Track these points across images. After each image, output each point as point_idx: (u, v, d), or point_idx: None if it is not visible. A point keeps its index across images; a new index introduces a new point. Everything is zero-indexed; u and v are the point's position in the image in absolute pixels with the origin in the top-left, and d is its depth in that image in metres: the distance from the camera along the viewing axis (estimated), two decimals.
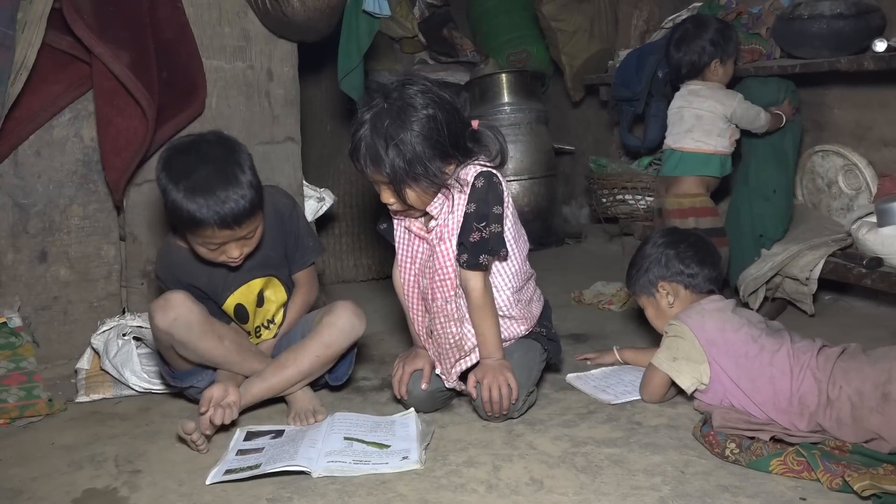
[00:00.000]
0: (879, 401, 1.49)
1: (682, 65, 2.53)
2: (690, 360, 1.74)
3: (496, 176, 1.78)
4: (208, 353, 1.84)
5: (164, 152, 1.80)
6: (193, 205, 1.70)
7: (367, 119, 1.72)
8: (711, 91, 2.48)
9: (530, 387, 1.85)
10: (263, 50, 2.50)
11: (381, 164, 1.70)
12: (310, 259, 2.07)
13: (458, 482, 1.53)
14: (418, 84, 1.74)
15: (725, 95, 2.47)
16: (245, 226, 1.77)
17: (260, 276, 1.96)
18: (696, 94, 2.49)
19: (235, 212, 1.72)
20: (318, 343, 1.89)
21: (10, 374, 2.01)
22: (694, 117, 2.48)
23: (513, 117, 3.73)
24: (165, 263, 1.94)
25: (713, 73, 2.50)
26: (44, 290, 2.25)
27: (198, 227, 1.73)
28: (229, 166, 1.75)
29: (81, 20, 2.06)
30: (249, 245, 1.84)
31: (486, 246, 1.75)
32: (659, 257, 1.92)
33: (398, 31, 4.12)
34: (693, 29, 2.51)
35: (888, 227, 2.25)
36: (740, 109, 2.45)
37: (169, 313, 1.77)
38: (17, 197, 2.20)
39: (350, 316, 1.91)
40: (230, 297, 1.94)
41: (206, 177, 1.72)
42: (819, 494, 1.41)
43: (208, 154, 1.76)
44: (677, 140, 2.52)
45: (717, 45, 2.47)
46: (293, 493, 1.52)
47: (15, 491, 1.61)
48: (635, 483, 1.49)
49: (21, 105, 2.10)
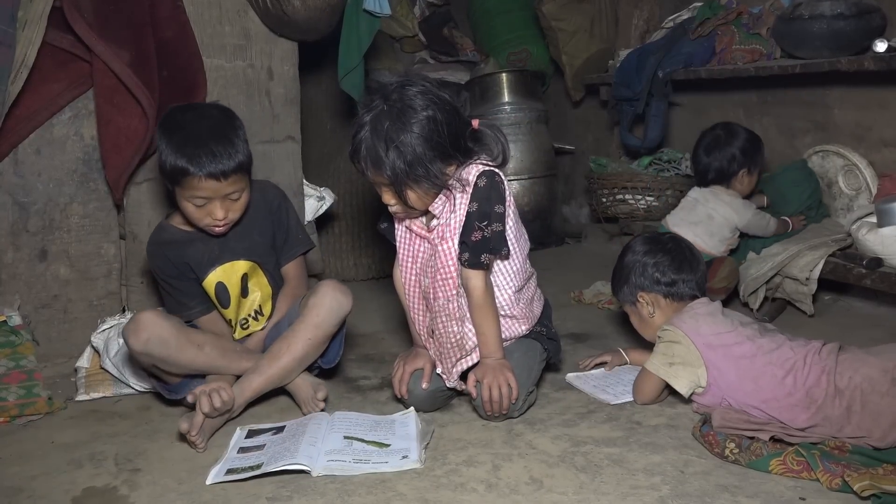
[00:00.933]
0: (890, 385, 1.51)
1: (709, 170, 2.56)
2: (687, 364, 1.74)
3: (498, 175, 1.78)
4: (190, 363, 1.85)
5: (165, 113, 1.90)
6: (183, 152, 1.79)
7: (366, 121, 1.72)
8: (731, 199, 2.53)
9: (530, 386, 1.85)
10: (264, 49, 2.50)
11: (382, 167, 1.70)
12: (298, 250, 2.09)
13: (458, 481, 1.53)
14: (418, 85, 1.74)
15: (743, 206, 2.52)
16: (230, 181, 1.82)
17: (245, 259, 1.99)
18: (717, 196, 2.54)
19: (222, 163, 1.80)
20: (308, 325, 1.90)
21: (10, 373, 2.01)
22: (706, 216, 2.52)
23: (513, 117, 3.73)
24: (156, 243, 1.98)
25: (739, 182, 2.54)
26: (44, 288, 2.25)
27: (185, 176, 1.80)
28: (223, 128, 1.85)
29: (82, 18, 2.06)
30: (234, 210, 1.89)
31: (487, 245, 1.75)
32: (637, 267, 1.93)
33: (398, 30, 4.12)
34: (724, 136, 2.53)
35: (888, 227, 2.25)
36: (754, 221, 2.51)
37: (141, 335, 1.77)
38: (17, 195, 2.20)
39: (335, 293, 1.92)
40: (212, 273, 1.96)
41: (199, 132, 1.82)
42: (819, 494, 1.41)
43: (205, 114, 1.89)
44: (677, 224, 2.54)
45: (747, 154, 2.51)
46: (293, 492, 1.52)
47: (15, 489, 1.61)
48: (635, 482, 1.49)
49: (21, 103, 2.10)
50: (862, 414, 1.52)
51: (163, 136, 1.84)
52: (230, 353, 1.93)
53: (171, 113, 1.89)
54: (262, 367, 1.90)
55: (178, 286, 1.98)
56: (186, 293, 1.98)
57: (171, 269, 1.95)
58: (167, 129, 1.85)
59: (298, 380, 1.94)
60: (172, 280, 1.97)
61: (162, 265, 1.96)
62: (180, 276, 1.97)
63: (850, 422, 1.53)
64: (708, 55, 3.03)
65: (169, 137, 1.83)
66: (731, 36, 2.91)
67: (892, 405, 1.50)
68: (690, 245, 2.01)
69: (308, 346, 1.91)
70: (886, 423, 1.49)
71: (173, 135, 1.83)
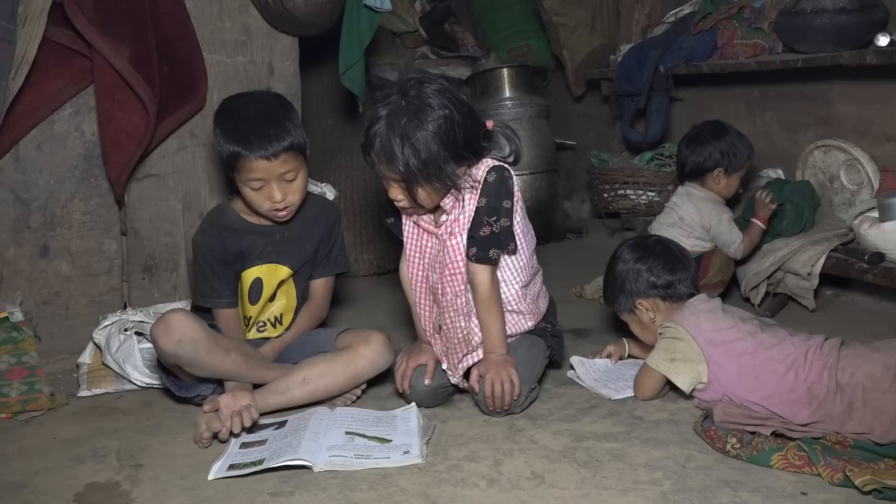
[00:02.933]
0: (892, 382, 1.50)
1: (686, 163, 2.53)
2: (688, 360, 1.74)
3: (507, 170, 1.79)
4: (216, 367, 1.81)
5: (222, 102, 1.97)
6: (234, 137, 1.83)
7: (383, 115, 1.71)
8: (703, 201, 2.48)
9: (533, 383, 1.85)
10: (264, 44, 2.50)
11: (395, 162, 1.70)
12: (334, 270, 2.10)
13: (460, 476, 1.54)
14: (435, 83, 1.73)
15: (712, 209, 2.46)
16: (282, 160, 1.84)
17: (289, 265, 2.00)
18: (690, 197, 2.50)
19: (272, 143, 1.82)
20: (349, 373, 1.91)
21: (13, 369, 2.01)
22: (678, 218, 2.50)
23: (514, 112, 3.72)
24: (216, 224, 1.97)
25: (714, 181, 2.49)
26: (45, 284, 2.25)
27: (238, 159, 1.83)
28: (272, 110, 1.89)
29: (82, 14, 2.06)
30: (293, 192, 1.90)
31: (496, 240, 1.76)
32: (630, 275, 1.92)
33: (399, 25, 4.11)
34: (709, 133, 2.50)
35: (890, 222, 2.25)
36: (717, 229, 2.43)
37: (173, 336, 1.74)
38: (18, 192, 2.20)
39: (385, 351, 1.95)
40: (256, 268, 1.97)
41: (249, 115, 1.87)
42: (820, 489, 1.41)
43: (255, 99, 1.95)
44: (657, 229, 2.54)
45: (725, 155, 2.46)
46: (294, 488, 1.52)
47: (17, 485, 1.61)
48: (636, 477, 1.49)
49: (22, 100, 2.10)
50: (864, 411, 1.51)
51: (217, 126, 1.89)
52: (253, 360, 1.90)
53: (224, 102, 1.95)
54: (292, 389, 1.88)
55: (219, 270, 1.94)
56: (223, 280, 1.95)
57: (221, 252, 1.93)
58: (221, 118, 1.89)
59: None
60: (216, 263, 1.94)
61: (213, 245, 1.93)
62: (224, 262, 1.94)
63: (851, 418, 1.52)
64: (710, 50, 3.02)
65: (222, 125, 1.87)
66: (733, 30, 2.90)
67: (893, 402, 1.50)
68: (677, 244, 2.01)
69: (340, 388, 1.91)
70: (888, 420, 1.49)
71: (225, 122, 1.87)
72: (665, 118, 3.23)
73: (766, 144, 3.04)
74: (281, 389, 1.88)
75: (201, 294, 1.97)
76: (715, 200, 2.49)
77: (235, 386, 1.85)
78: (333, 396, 1.92)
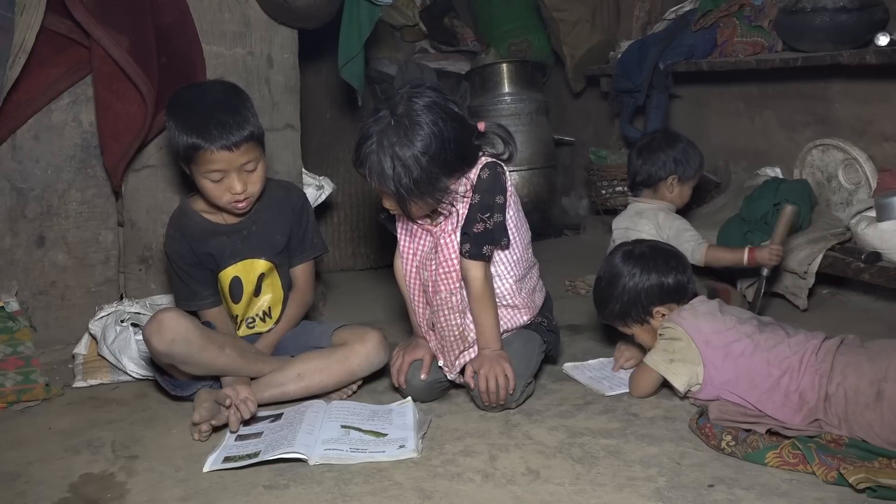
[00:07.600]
0: (873, 398, 1.49)
1: (640, 172, 2.48)
2: (686, 361, 1.74)
3: (500, 166, 1.79)
4: (211, 363, 1.81)
5: (170, 96, 1.88)
6: (192, 128, 1.78)
7: (372, 133, 1.71)
8: (654, 214, 2.42)
9: (528, 378, 1.85)
10: (264, 36, 2.48)
11: (387, 182, 1.70)
12: (312, 253, 2.08)
13: (455, 471, 1.54)
14: (424, 97, 1.72)
15: (666, 218, 2.40)
16: (243, 150, 1.80)
17: (264, 257, 1.98)
18: (641, 216, 2.44)
19: (233, 133, 1.78)
20: (344, 370, 1.91)
21: (8, 359, 2.01)
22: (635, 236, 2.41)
23: (513, 107, 3.71)
24: (178, 226, 1.94)
25: (668, 189, 2.45)
26: (41, 274, 2.25)
27: (197, 151, 1.78)
28: (229, 100, 1.84)
29: (81, 4, 2.05)
30: (252, 182, 1.86)
31: (489, 236, 1.76)
32: (645, 288, 1.84)
33: (399, 19, 4.10)
34: (661, 141, 2.47)
35: (887, 221, 2.25)
36: (673, 235, 2.34)
37: (165, 335, 1.73)
38: (15, 181, 2.19)
39: (379, 350, 1.94)
40: (231, 267, 1.95)
41: (205, 106, 1.81)
42: (814, 487, 1.41)
43: (209, 89, 1.89)
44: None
45: (679, 163, 2.43)
46: (290, 481, 1.52)
47: (12, 475, 1.61)
48: (631, 474, 1.49)
49: (19, 89, 2.09)
50: (850, 423, 1.51)
51: (171, 118, 1.83)
52: (248, 354, 1.89)
53: (176, 94, 1.88)
54: (287, 384, 1.88)
55: (195, 274, 1.94)
56: (201, 282, 1.94)
57: (191, 256, 1.92)
58: (174, 110, 1.84)
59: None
60: (189, 267, 1.93)
61: (182, 251, 1.92)
62: (198, 265, 1.93)
63: (840, 428, 1.53)
64: (709, 47, 3.02)
65: (176, 117, 1.81)
66: (733, 28, 2.90)
67: (873, 419, 1.48)
68: (666, 244, 1.99)
69: (334, 384, 1.92)
70: (873, 433, 1.48)
71: (180, 113, 1.82)
72: (664, 115, 3.23)
73: (765, 143, 3.04)
74: (276, 383, 1.88)
75: (184, 299, 1.96)
76: (667, 210, 2.45)
77: (233, 380, 1.85)
78: (328, 392, 1.92)
